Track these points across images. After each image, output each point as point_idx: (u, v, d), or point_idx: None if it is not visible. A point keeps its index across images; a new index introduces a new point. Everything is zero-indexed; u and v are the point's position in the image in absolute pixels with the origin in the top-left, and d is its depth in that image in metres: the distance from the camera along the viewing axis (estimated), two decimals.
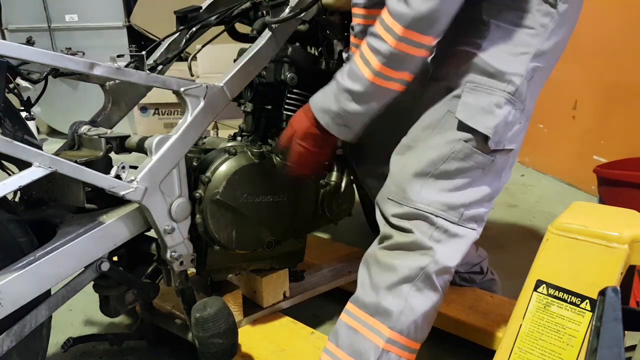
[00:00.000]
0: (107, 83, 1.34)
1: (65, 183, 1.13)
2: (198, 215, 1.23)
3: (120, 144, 1.19)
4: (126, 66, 1.17)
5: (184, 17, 1.45)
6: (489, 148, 1.07)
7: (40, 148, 1.00)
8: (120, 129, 1.27)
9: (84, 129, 1.25)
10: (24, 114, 1.22)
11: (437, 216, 1.08)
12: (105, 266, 1.11)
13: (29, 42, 1.25)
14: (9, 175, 1.03)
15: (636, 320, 0.83)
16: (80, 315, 1.70)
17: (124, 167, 1.08)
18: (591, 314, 0.84)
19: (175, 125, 1.17)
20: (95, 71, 1.04)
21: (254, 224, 1.32)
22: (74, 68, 1.02)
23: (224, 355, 1.16)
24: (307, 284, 1.61)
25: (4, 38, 4.29)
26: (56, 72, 1.25)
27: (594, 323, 0.82)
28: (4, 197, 1.00)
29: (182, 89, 1.14)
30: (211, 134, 1.50)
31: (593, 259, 0.85)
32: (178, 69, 1.75)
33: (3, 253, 1.01)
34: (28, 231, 1.06)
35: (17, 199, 1.21)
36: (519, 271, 1.10)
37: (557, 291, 0.88)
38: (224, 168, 1.25)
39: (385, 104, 1.12)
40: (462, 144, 1.07)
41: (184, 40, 1.43)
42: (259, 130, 1.41)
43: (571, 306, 0.86)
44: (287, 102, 1.36)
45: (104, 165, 1.12)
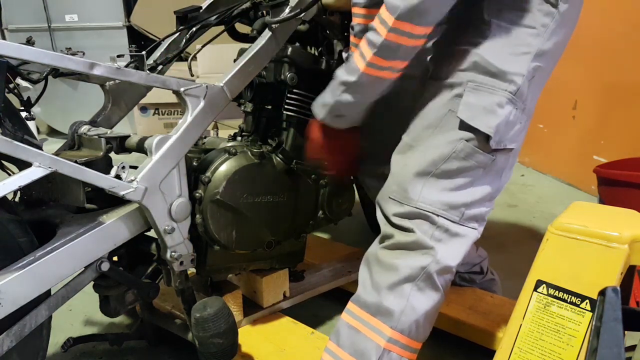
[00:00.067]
0: (107, 83, 1.34)
1: (65, 183, 1.13)
2: (198, 215, 1.23)
3: (120, 144, 1.19)
4: (126, 66, 1.17)
5: (184, 17, 1.45)
6: (490, 147, 1.08)
7: (40, 148, 1.00)
8: (120, 129, 1.27)
9: (84, 129, 1.25)
10: (24, 114, 1.22)
11: (439, 215, 1.09)
12: (105, 266, 1.11)
13: (29, 42, 1.25)
14: (9, 175, 1.03)
15: (636, 320, 0.83)
16: (80, 315, 1.70)
17: (124, 167, 1.08)
18: (591, 314, 0.84)
19: (175, 125, 1.17)
20: (95, 71, 1.04)
21: (254, 224, 1.32)
22: (74, 68, 1.02)
23: (224, 355, 1.16)
24: (307, 284, 1.61)
25: (4, 38, 4.29)
26: (56, 72, 1.25)
27: (594, 323, 0.82)
28: (4, 197, 1.00)
29: (182, 89, 1.14)
30: (211, 134, 1.50)
31: (593, 259, 0.85)
32: (178, 69, 1.75)
33: (3, 253, 1.01)
34: (28, 231, 1.06)
35: (17, 199, 1.21)
36: (519, 271, 1.10)
37: (557, 291, 0.88)
38: (224, 168, 1.25)
39: (380, 93, 1.15)
40: (464, 144, 1.08)
41: (184, 40, 1.43)
42: (259, 130, 1.41)
43: (571, 306, 0.86)
44: (287, 102, 1.36)
45: (104, 165, 1.12)
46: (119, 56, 1.16)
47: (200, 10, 1.45)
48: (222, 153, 1.28)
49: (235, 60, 1.31)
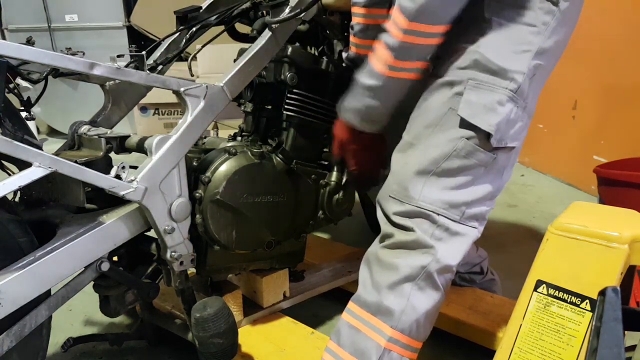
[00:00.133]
0: (107, 83, 1.34)
1: (65, 183, 1.13)
2: (198, 215, 1.23)
3: (120, 144, 1.19)
4: (126, 66, 1.17)
5: (184, 17, 1.45)
6: (491, 146, 1.07)
7: (40, 148, 1.00)
8: (120, 129, 1.27)
9: (84, 129, 1.25)
10: (24, 114, 1.21)
11: (439, 214, 1.08)
12: (105, 266, 1.11)
13: (29, 42, 1.25)
14: (9, 175, 1.03)
15: (636, 320, 0.83)
16: (80, 315, 1.70)
17: (124, 167, 1.08)
18: (591, 314, 0.84)
19: (175, 125, 1.17)
20: (95, 71, 1.04)
21: (254, 224, 1.32)
22: (74, 68, 1.02)
23: (224, 355, 1.16)
24: (307, 284, 1.61)
25: (4, 38, 4.29)
26: (56, 72, 1.25)
27: (594, 323, 0.82)
28: (4, 197, 1.00)
29: (182, 89, 1.14)
30: (211, 134, 1.50)
31: (593, 259, 0.85)
32: (178, 69, 1.75)
33: (3, 253, 1.01)
34: (28, 231, 1.06)
35: (17, 199, 1.21)
36: (519, 271, 1.10)
37: (557, 291, 0.88)
38: (224, 168, 1.25)
39: (404, 93, 1.16)
40: (465, 142, 1.07)
41: (184, 40, 1.43)
42: (259, 130, 1.41)
43: (571, 306, 0.86)
44: (287, 102, 1.36)
45: (104, 165, 1.12)
46: (119, 56, 1.16)
47: (200, 10, 1.45)
48: (222, 153, 1.28)
49: (235, 60, 1.31)
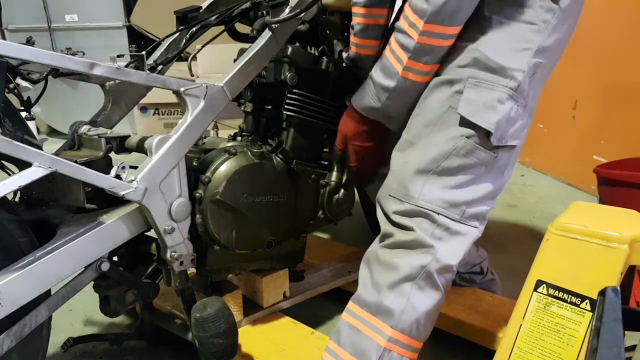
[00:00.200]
0: (107, 83, 1.34)
1: (65, 183, 1.13)
2: (198, 215, 1.23)
3: (120, 144, 1.19)
4: (126, 66, 1.17)
5: (184, 17, 1.45)
6: (492, 144, 1.07)
7: (40, 148, 1.00)
8: (120, 129, 1.27)
9: (84, 129, 1.25)
10: (24, 114, 1.21)
11: (439, 214, 1.08)
12: (105, 266, 1.11)
13: (29, 42, 1.25)
14: (9, 175, 1.03)
15: (636, 320, 0.83)
16: (80, 315, 1.70)
17: (124, 167, 1.08)
18: (591, 314, 0.84)
19: (175, 125, 1.17)
20: (95, 71, 1.04)
21: (254, 224, 1.32)
22: (74, 68, 1.02)
23: (224, 355, 1.16)
24: (307, 284, 1.61)
25: (4, 38, 4.29)
26: (56, 72, 1.25)
27: (594, 323, 0.82)
28: (4, 197, 1.00)
29: (182, 89, 1.14)
30: (211, 134, 1.50)
31: (593, 259, 0.85)
32: (178, 69, 1.75)
33: (3, 253, 1.01)
34: (28, 231, 1.06)
35: (17, 199, 1.21)
36: (519, 271, 1.10)
37: (557, 291, 0.88)
38: (224, 168, 1.25)
39: (419, 95, 1.16)
40: (465, 140, 1.07)
41: (184, 40, 1.43)
42: (259, 130, 1.41)
43: (571, 306, 0.86)
44: (287, 102, 1.36)
45: (104, 165, 1.12)
46: (119, 56, 1.16)
47: (200, 10, 1.45)
48: (222, 153, 1.28)
49: (235, 60, 1.31)
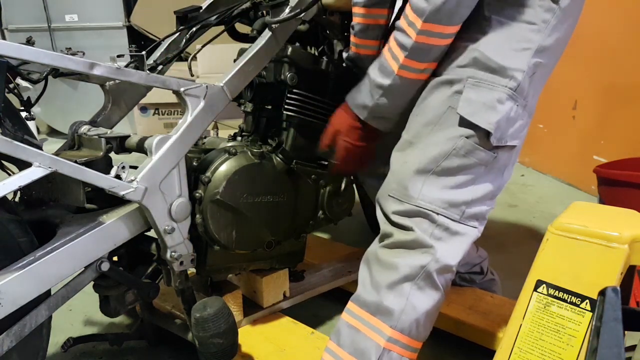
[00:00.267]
0: (107, 83, 1.34)
1: (65, 183, 1.13)
2: (198, 215, 1.23)
3: (120, 144, 1.19)
4: (126, 66, 1.17)
5: (184, 17, 1.45)
6: (491, 144, 1.07)
7: (40, 148, 1.00)
8: (120, 129, 1.27)
9: (84, 129, 1.25)
10: (24, 114, 1.22)
11: (438, 214, 1.08)
12: (105, 266, 1.11)
13: (29, 42, 1.25)
14: (9, 175, 1.03)
15: (636, 320, 0.83)
16: (80, 315, 1.70)
17: (124, 167, 1.08)
18: (591, 314, 0.84)
19: (175, 125, 1.17)
20: (95, 71, 1.04)
21: (254, 224, 1.32)
22: (74, 68, 1.02)
23: (224, 355, 1.16)
24: (307, 284, 1.61)
25: (4, 38, 4.29)
26: (56, 72, 1.25)
27: (594, 323, 0.82)
28: (4, 197, 1.00)
29: (182, 89, 1.14)
30: (211, 134, 1.50)
31: (593, 259, 0.85)
32: (178, 69, 1.75)
33: (3, 253, 1.01)
34: (28, 231, 1.06)
35: (17, 199, 1.21)
36: (519, 271, 1.10)
37: (557, 291, 0.88)
38: (224, 168, 1.25)
39: (415, 94, 1.16)
40: (464, 140, 1.07)
41: (184, 40, 1.43)
42: (259, 130, 1.41)
43: (571, 306, 0.86)
44: (287, 102, 1.36)
45: (104, 165, 1.12)
46: (119, 56, 1.16)
47: (200, 10, 1.45)
48: (222, 153, 1.28)
49: (235, 60, 1.31)
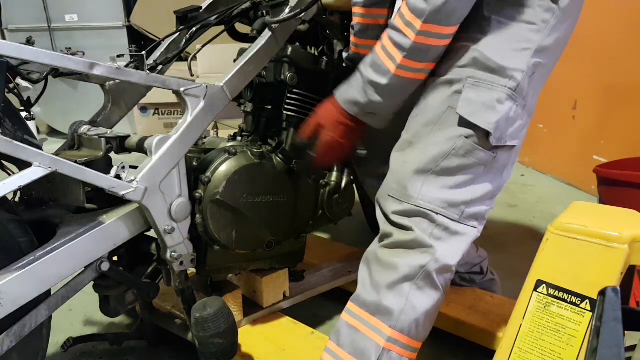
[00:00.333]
0: (107, 83, 1.34)
1: (65, 183, 1.13)
2: (198, 215, 1.23)
3: (120, 144, 1.19)
4: (126, 66, 1.17)
5: (184, 17, 1.45)
6: (491, 144, 1.07)
7: (40, 148, 1.00)
8: (120, 129, 1.27)
9: (84, 129, 1.25)
10: (24, 114, 1.22)
11: (438, 214, 1.08)
12: (105, 266, 1.11)
13: (29, 42, 1.25)
14: (9, 175, 1.03)
15: (636, 320, 0.83)
16: (80, 315, 1.70)
17: (124, 167, 1.08)
18: (591, 314, 0.84)
19: (175, 125, 1.17)
20: (95, 71, 1.04)
21: (254, 224, 1.32)
22: (74, 68, 1.02)
23: (224, 355, 1.16)
24: (307, 284, 1.61)
25: (4, 38, 4.29)
26: (56, 72, 1.25)
27: (594, 323, 0.82)
28: (4, 197, 1.00)
29: (182, 89, 1.14)
30: (211, 134, 1.50)
31: (593, 259, 0.85)
32: (178, 69, 1.75)
33: (3, 253, 1.01)
34: (28, 231, 1.06)
35: (17, 199, 1.21)
36: (519, 271, 1.10)
37: (557, 291, 0.88)
38: (224, 168, 1.25)
39: (410, 94, 1.15)
40: (464, 140, 1.07)
41: (184, 40, 1.43)
42: (259, 130, 1.41)
43: (571, 306, 0.86)
44: (287, 102, 1.36)
45: (104, 165, 1.12)
46: (119, 56, 1.16)
47: (200, 10, 1.45)
48: (222, 153, 1.28)
49: (235, 60, 1.31)
